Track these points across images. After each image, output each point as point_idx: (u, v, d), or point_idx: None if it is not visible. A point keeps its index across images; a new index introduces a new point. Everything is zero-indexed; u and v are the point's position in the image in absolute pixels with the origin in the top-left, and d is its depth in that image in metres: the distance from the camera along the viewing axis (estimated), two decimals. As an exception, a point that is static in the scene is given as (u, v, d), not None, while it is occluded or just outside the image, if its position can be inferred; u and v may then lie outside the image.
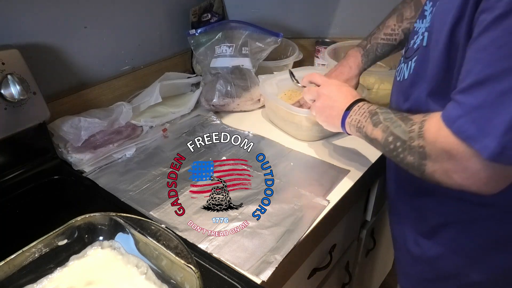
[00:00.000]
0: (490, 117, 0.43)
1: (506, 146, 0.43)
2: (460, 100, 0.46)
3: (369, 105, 0.66)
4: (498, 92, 0.42)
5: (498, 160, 0.44)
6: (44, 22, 0.87)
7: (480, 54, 0.44)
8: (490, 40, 0.43)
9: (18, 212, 0.74)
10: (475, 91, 0.45)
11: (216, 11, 1.22)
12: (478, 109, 0.44)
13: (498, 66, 0.42)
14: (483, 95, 0.44)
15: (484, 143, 0.44)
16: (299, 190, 0.76)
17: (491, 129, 0.43)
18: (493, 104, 0.43)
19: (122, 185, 0.80)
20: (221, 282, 0.57)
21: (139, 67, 1.11)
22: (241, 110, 1.08)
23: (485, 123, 0.44)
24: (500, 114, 0.42)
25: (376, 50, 0.84)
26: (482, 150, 0.44)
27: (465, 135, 0.46)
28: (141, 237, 0.56)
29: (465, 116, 0.45)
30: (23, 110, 0.76)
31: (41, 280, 0.53)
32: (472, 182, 0.48)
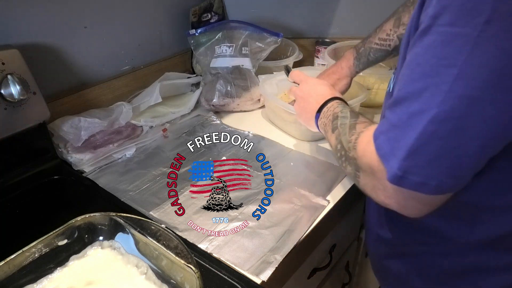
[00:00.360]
0: (399, 138, 0.42)
1: (407, 171, 0.41)
2: (386, 115, 0.45)
3: (336, 106, 0.64)
4: (409, 113, 0.41)
5: (399, 184, 0.42)
6: (44, 22, 0.87)
7: (405, 70, 0.43)
8: (413, 56, 0.42)
9: (18, 212, 0.74)
10: (395, 108, 0.43)
11: (216, 11, 1.22)
12: (394, 127, 0.43)
13: (414, 85, 0.41)
14: (398, 113, 0.43)
15: (390, 164, 0.43)
16: (299, 190, 0.76)
17: (397, 150, 0.42)
18: (403, 125, 0.42)
19: (122, 185, 0.80)
20: (221, 282, 0.57)
21: (139, 67, 1.11)
22: (241, 110, 1.08)
23: (395, 144, 0.42)
24: (406, 137, 0.41)
25: (368, 55, 0.82)
26: (387, 171, 0.43)
27: (381, 153, 0.45)
28: (141, 237, 0.56)
29: (385, 134, 0.45)
30: (23, 110, 0.76)
31: (41, 280, 0.53)
32: (393, 202, 0.47)
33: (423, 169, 0.41)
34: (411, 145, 0.40)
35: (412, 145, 0.40)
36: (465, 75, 0.37)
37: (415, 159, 0.41)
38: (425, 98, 0.39)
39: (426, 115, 0.39)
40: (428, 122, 0.39)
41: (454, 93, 0.38)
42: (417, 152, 0.40)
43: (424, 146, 0.40)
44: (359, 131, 0.53)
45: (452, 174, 0.41)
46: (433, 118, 0.39)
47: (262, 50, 1.07)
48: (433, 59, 0.39)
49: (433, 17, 0.39)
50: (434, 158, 0.40)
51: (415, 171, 0.41)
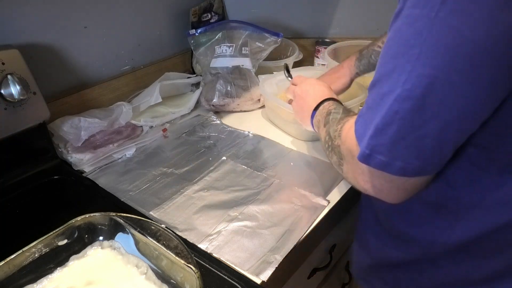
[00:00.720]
0: (370, 119, 0.43)
1: (373, 150, 0.42)
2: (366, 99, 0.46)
3: (331, 105, 0.65)
4: (381, 94, 0.42)
5: (366, 162, 0.43)
6: (44, 22, 0.87)
7: (380, 55, 0.44)
8: (387, 40, 0.42)
9: (18, 212, 0.74)
10: (371, 91, 0.44)
11: (216, 11, 1.22)
12: (368, 109, 0.44)
13: (385, 67, 0.42)
14: (373, 95, 0.44)
15: (361, 144, 0.44)
16: (299, 190, 0.76)
17: (367, 130, 0.43)
18: (375, 106, 0.42)
19: (122, 185, 0.80)
20: (221, 282, 0.57)
21: (139, 67, 1.11)
22: (241, 110, 1.08)
23: (367, 125, 0.43)
24: (375, 117, 0.42)
25: (370, 57, 0.83)
26: (359, 151, 0.44)
27: (356, 135, 0.46)
28: (141, 237, 0.56)
29: (362, 116, 0.46)
30: (23, 110, 0.76)
31: (41, 280, 0.53)
32: (370, 187, 0.47)
33: (388, 148, 0.41)
34: (377, 124, 0.41)
35: (378, 124, 0.41)
36: (424, 54, 0.37)
37: (380, 138, 0.41)
38: (393, 78, 0.40)
39: (392, 95, 0.40)
40: (393, 102, 0.40)
41: (415, 73, 0.38)
42: (382, 131, 0.41)
43: (388, 125, 0.41)
44: (345, 121, 0.55)
45: (416, 155, 0.41)
46: (396, 97, 0.40)
47: (262, 50, 1.07)
48: (400, 41, 0.40)
49: (403, 1, 0.40)
50: (397, 138, 0.40)
51: (380, 150, 0.42)
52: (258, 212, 0.71)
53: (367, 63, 0.84)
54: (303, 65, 1.19)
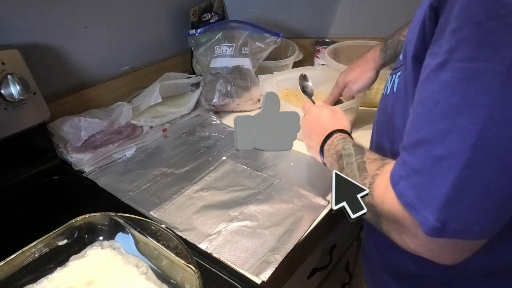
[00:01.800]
0: (427, 185, 0.39)
1: (447, 221, 0.38)
2: (403, 159, 0.42)
3: (336, 144, 0.60)
4: (434, 157, 0.38)
5: (439, 235, 0.39)
6: (44, 22, 0.87)
7: (420, 108, 0.40)
8: (429, 94, 0.39)
9: (18, 212, 0.74)
10: (415, 151, 0.40)
11: (216, 11, 1.22)
12: (417, 173, 0.40)
13: (435, 126, 0.38)
14: (421, 158, 0.39)
15: (423, 215, 0.39)
16: (299, 190, 0.76)
17: (429, 199, 0.38)
18: (430, 171, 0.38)
19: (122, 185, 0.80)
20: (221, 282, 0.57)
21: (139, 67, 1.11)
22: (241, 110, 1.08)
23: (423, 191, 0.39)
24: (436, 184, 0.38)
25: (396, 47, 0.79)
26: (421, 223, 0.39)
27: (406, 201, 0.41)
28: (141, 237, 0.56)
29: (406, 179, 0.41)
30: (23, 110, 0.76)
31: (41, 280, 0.53)
32: (425, 250, 0.43)
33: (464, 216, 0.38)
34: (446, 193, 0.37)
35: (448, 193, 0.37)
36: (498, 113, 0.34)
37: (453, 208, 0.38)
38: (451, 141, 0.37)
39: (456, 159, 0.36)
40: (462, 168, 0.36)
41: (488, 134, 0.35)
42: (454, 200, 0.37)
43: (461, 194, 0.37)
44: (372, 174, 0.49)
45: (495, 217, 0.38)
46: (467, 163, 0.36)
47: (262, 50, 1.07)
48: (454, 98, 0.36)
49: (449, 52, 0.36)
50: (474, 204, 0.37)
51: (455, 220, 0.38)
52: (258, 212, 0.71)
53: (392, 53, 0.80)
54: (303, 65, 1.19)
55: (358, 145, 0.57)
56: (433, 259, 0.43)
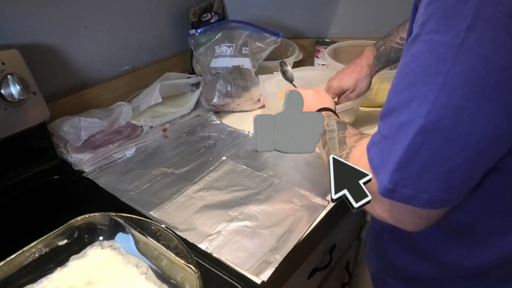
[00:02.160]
0: (389, 150, 0.41)
1: (398, 184, 0.40)
2: (378, 127, 0.44)
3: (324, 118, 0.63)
4: (398, 124, 0.40)
5: (390, 197, 0.41)
6: (44, 22, 0.87)
7: (395, 79, 0.42)
8: (401, 66, 0.41)
9: (18, 212, 0.74)
10: (385, 118, 0.42)
11: (216, 11, 1.22)
12: (384, 139, 0.42)
13: (402, 95, 0.40)
14: (388, 125, 0.42)
15: (381, 177, 0.41)
16: (299, 190, 0.76)
17: (387, 162, 0.41)
18: (393, 136, 0.40)
19: (122, 185, 0.80)
20: (221, 282, 0.57)
21: (139, 67, 1.11)
22: (241, 110, 1.08)
23: (386, 155, 0.41)
24: (395, 148, 0.40)
25: (389, 54, 0.80)
26: (379, 184, 0.42)
27: (372, 165, 0.43)
28: (141, 237, 0.56)
29: (376, 145, 0.43)
30: (23, 110, 0.76)
31: (41, 280, 0.53)
32: (389, 216, 0.45)
33: (413, 182, 0.39)
34: (400, 157, 0.39)
35: (401, 157, 0.39)
36: (450, 84, 0.36)
37: (404, 172, 0.39)
38: (412, 108, 0.38)
39: (414, 126, 0.38)
40: (416, 133, 0.38)
41: (440, 103, 0.36)
42: (406, 164, 0.39)
43: (413, 158, 0.39)
44: (350, 146, 0.52)
45: (444, 187, 0.39)
46: (420, 129, 0.38)
47: (262, 50, 1.07)
48: (419, 68, 0.38)
49: (421, 25, 0.38)
50: (423, 170, 0.39)
51: (405, 184, 0.40)
52: (258, 212, 0.71)
53: (385, 60, 0.82)
54: (303, 65, 1.19)
55: (341, 122, 0.59)
56: (397, 225, 0.46)
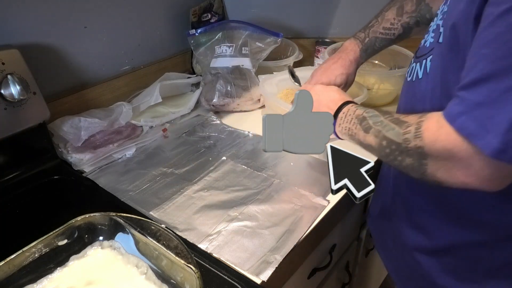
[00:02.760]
0: (492, 115, 0.42)
1: (508, 144, 0.42)
2: (462, 96, 0.45)
3: (355, 110, 0.63)
4: (501, 90, 0.41)
5: (501, 157, 0.43)
6: (44, 22, 0.87)
7: (484, 50, 0.43)
8: (495, 36, 0.42)
9: (18, 212, 0.74)
10: (478, 87, 0.43)
11: (216, 11, 1.22)
12: (481, 106, 0.43)
13: (502, 63, 0.41)
14: (486, 92, 0.43)
15: (486, 140, 0.43)
16: (299, 190, 0.76)
17: (493, 126, 0.42)
18: (495, 102, 0.42)
19: (122, 185, 0.80)
20: (221, 282, 0.57)
21: (139, 67, 1.11)
22: (241, 110, 1.08)
23: (488, 121, 0.43)
24: (502, 112, 0.41)
25: (374, 45, 0.81)
26: (484, 147, 0.43)
27: (467, 132, 0.45)
28: (141, 237, 0.56)
29: (468, 113, 0.44)
30: (23, 110, 0.76)
31: (41, 280, 0.53)
32: (475, 179, 0.47)
33: None
34: (510, 119, 0.41)
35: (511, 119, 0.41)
36: None
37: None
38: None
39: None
40: None
41: None
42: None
43: None
44: (415, 122, 0.52)
45: None
46: None
47: (262, 50, 1.07)
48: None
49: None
50: None
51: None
52: (258, 212, 0.71)
53: (372, 51, 0.83)
54: (303, 65, 1.19)
55: (380, 109, 0.60)
56: (481, 187, 0.47)
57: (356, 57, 0.83)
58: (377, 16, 0.81)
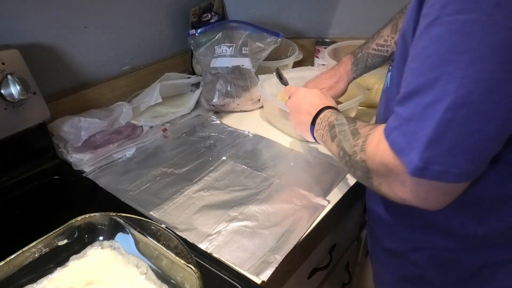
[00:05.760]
0: (416, 130, 0.42)
1: (429, 161, 0.41)
2: (396, 111, 0.45)
3: (329, 116, 0.64)
4: (422, 105, 0.41)
5: (422, 175, 0.42)
6: (44, 22, 0.87)
7: (412, 64, 0.43)
8: (420, 50, 0.42)
9: (18, 212, 0.74)
10: (407, 102, 0.43)
11: (216, 11, 1.22)
12: (408, 121, 0.43)
13: (425, 77, 0.41)
14: (412, 107, 0.43)
15: (409, 157, 0.43)
16: (299, 190, 0.76)
17: (416, 143, 0.42)
18: (418, 118, 0.42)
19: (122, 185, 0.80)
20: (221, 282, 0.57)
21: (139, 67, 1.11)
22: (241, 110, 1.08)
23: (412, 136, 0.42)
24: (423, 128, 0.41)
25: (366, 60, 0.83)
26: (407, 164, 0.43)
27: (396, 148, 0.45)
28: (141, 237, 0.56)
29: (398, 128, 0.44)
30: (23, 110, 0.76)
31: (41, 280, 0.53)
32: (411, 197, 0.47)
33: (444, 157, 0.41)
34: (430, 135, 0.41)
35: (431, 134, 0.40)
36: (479, 59, 0.37)
37: (435, 148, 0.41)
38: (438, 87, 0.40)
39: (442, 103, 0.39)
40: (445, 110, 0.39)
41: (469, 78, 0.38)
42: (437, 141, 0.40)
43: (443, 135, 0.40)
44: (365, 134, 0.53)
45: (472, 159, 0.41)
46: (449, 106, 0.39)
47: (262, 50, 1.07)
48: (443, 49, 0.39)
49: (440, 8, 0.39)
50: (454, 145, 0.40)
51: (436, 161, 0.41)
52: (258, 212, 0.71)
53: (363, 66, 0.85)
54: (303, 65, 1.19)
55: (349, 117, 0.61)
56: (420, 205, 0.47)
57: (347, 70, 0.86)
58: (374, 34, 0.83)
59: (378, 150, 0.48)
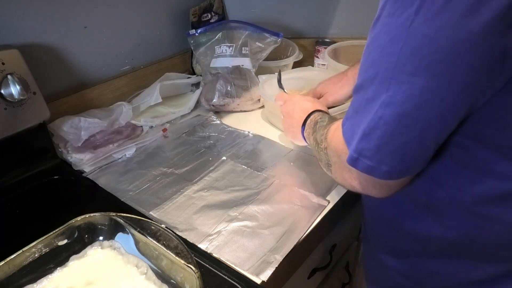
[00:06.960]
0: (358, 123, 0.44)
1: (361, 154, 0.44)
2: (351, 102, 0.48)
3: (317, 116, 0.68)
4: (364, 99, 0.43)
5: (354, 165, 0.45)
6: (44, 22, 0.87)
7: (362, 58, 0.45)
8: (367, 46, 0.44)
9: (18, 212, 0.74)
10: (356, 94, 0.46)
11: (216, 11, 1.22)
12: (355, 113, 0.46)
13: (367, 73, 0.43)
14: (359, 99, 0.45)
15: (350, 147, 0.46)
16: (299, 190, 0.76)
17: (355, 134, 0.45)
18: (360, 111, 0.44)
19: (122, 185, 0.80)
20: (221, 282, 0.57)
21: (139, 67, 1.11)
22: (241, 110, 1.08)
23: (356, 128, 0.45)
24: (362, 120, 0.43)
25: None
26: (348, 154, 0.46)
27: (345, 137, 0.48)
28: (141, 237, 0.56)
29: (349, 119, 0.47)
30: (23, 110, 0.76)
31: (41, 280, 0.53)
32: (357, 183, 0.49)
33: (373, 154, 0.43)
34: (364, 129, 0.43)
35: (365, 128, 0.43)
36: (402, 62, 0.39)
37: (366, 143, 0.43)
38: (376, 84, 0.42)
39: (377, 100, 0.42)
40: (378, 107, 0.41)
41: (395, 80, 0.39)
42: (368, 136, 0.43)
43: (373, 131, 0.42)
44: (331, 125, 0.57)
45: (400, 159, 0.42)
46: (381, 104, 0.41)
47: (262, 50, 1.07)
48: (379, 48, 0.41)
49: (381, 9, 0.41)
50: (381, 143, 0.42)
51: (367, 155, 0.43)
52: (258, 212, 0.71)
53: None
54: (303, 65, 1.19)
55: (333, 117, 0.64)
56: (365, 192, 0.50)
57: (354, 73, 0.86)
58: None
59: (334, 137, 0.52)
